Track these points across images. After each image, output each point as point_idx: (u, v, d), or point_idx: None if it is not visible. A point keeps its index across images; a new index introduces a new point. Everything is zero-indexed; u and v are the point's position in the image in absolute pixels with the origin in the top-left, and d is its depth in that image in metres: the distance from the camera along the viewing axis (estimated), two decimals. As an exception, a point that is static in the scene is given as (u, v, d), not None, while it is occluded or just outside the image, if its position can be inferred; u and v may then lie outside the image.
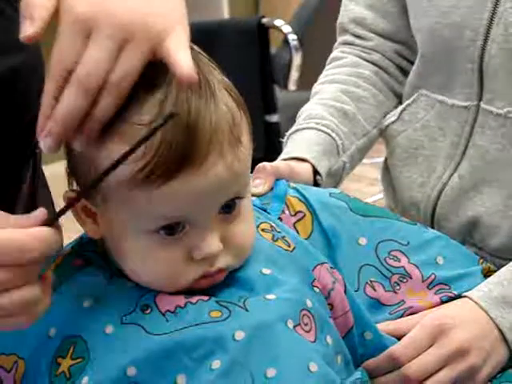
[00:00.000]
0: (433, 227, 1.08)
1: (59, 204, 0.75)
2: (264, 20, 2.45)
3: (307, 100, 1.20)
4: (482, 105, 1.04)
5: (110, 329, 0.74)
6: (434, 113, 1.10)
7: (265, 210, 0.90)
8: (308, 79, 2.50)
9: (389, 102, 1.19)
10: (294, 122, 1.16)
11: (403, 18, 1.15)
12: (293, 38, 2.53)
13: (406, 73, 1.20)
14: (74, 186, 0.77)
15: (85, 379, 0.72)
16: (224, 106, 0.72)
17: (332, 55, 1.24)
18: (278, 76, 2.54)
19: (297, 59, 2.53)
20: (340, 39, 1.24)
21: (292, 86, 2.55)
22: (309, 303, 0.78)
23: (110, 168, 0.65)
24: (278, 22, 2.52)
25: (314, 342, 0.77)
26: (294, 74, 2.54)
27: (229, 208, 0.75)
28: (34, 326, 0.75)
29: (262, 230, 0.85)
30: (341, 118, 1.13)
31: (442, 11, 1.05)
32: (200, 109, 0.70)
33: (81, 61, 0.67)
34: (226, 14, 4.02)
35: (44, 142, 0.69)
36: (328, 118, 1.12)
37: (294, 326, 0.76)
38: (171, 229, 0.73)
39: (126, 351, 0.72)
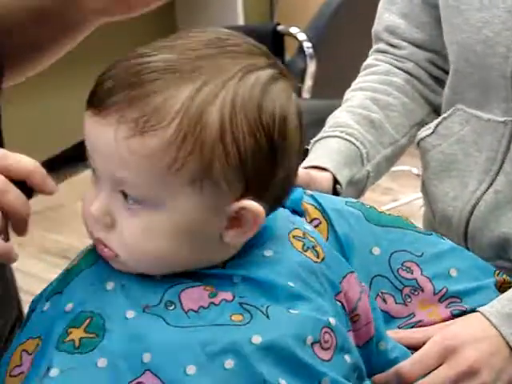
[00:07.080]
0: (466, 241, 1.08)
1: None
2: (279, 27, 2.45)
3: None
4: None
5: (131, 314, 0.74)
6: (469, 127, 1.09)
7: (298, 213, 0.88)
8: (322, 87, 2.49)
9: (420, 111, 1.19)
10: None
11: (437, 28, 1.14)
12: (308, 46, 2.52)
13: (439, 81, 1.19)
14: None
15: (102, 360, 0.72)
16: (165, 97, 0.72)
17: (366, 62, 1.24)
18: (291, 83, 2.53)
19: (311, 67, 2.52)
20: (374, 47, 1.24)
21: (306, 94, 2.54)
22: (332, 321, 0.78)
23: None
24: (294, 30, 2.52)
25: (330, 360, 0.77)
26: (308, 82, 2.53)
27: (126, 197, 0.75)
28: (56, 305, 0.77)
29: (294, 236, 0.83)
30: (367, 127, 1.12)
31: (475, 26, 1.04)
32: (134, 82, 0.72)
33: None
34: (241, 21, 4.02)
35: None
36: (354, 126, 1.11)
37: (313, 343, 0.76)
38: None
39: (144, 337, 0.73)
